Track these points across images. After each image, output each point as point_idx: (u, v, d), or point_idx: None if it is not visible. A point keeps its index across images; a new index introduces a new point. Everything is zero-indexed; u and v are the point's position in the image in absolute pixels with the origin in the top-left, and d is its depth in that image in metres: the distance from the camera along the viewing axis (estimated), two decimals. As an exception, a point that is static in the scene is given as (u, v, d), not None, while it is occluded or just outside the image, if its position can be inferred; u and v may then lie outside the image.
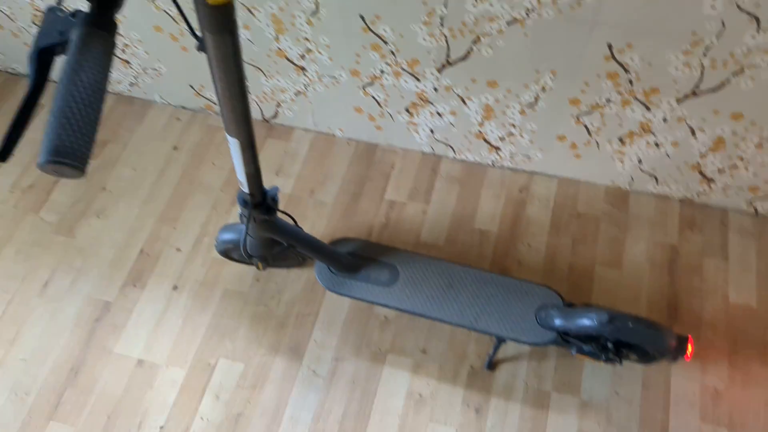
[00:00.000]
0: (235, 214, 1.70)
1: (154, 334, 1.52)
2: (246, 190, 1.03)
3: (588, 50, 1.30)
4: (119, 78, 1.89)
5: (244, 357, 1.49)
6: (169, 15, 1.56)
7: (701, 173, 1.55)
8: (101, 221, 1.69)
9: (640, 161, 1.58)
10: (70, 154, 0.47)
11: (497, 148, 1.69)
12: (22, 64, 1.98)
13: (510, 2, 1.23)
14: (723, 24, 1.15)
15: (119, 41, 1.73)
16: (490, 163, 1.76)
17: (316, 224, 1.67)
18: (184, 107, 1.92)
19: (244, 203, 1.07)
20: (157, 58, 1.75)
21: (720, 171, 1.53)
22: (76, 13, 0.56)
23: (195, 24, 0.70)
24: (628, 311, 1.28)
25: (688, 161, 1.53)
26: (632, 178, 1.65)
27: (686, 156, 1.51)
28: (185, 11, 0.77)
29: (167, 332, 1.52)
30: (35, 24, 1.77)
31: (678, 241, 1.61)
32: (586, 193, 1.70)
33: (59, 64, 0.57)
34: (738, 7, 1.10)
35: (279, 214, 1.16)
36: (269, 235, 1.21)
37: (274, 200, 1.10)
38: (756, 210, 1.63)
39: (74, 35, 0.53)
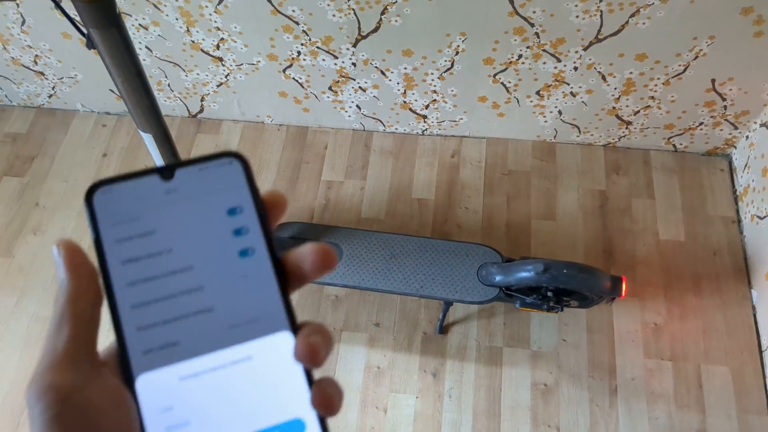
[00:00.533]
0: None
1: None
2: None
3: (492, 8, 1.33)
4: (37, 91, 1.85)
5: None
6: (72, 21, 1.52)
7: (618, 117, 1.62)
8: (38, 238, 1.66)
9: (560, 113, 1.63)
10: None
11: (424, 117, 1.72)
12: None
13: (410, -30, 1.26)
14: (613, -31, 1.19)
15: (30, 54, 1.69)
16: (419, 132, 1.79)
17: (256, 213, 1.67)
18: (108, 113, 1.89)
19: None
20: (71, 65, 1.72)
21: (635, 113, 1.59)
22: None
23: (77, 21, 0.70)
24: (564, 260, 1.34)
25: (604, 107, 1.59)
26: (556, 131, 1.71)
27: (602, 102, 1.57)
28: (66, 9, 0.77)
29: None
30: None
31: (606, 185, 1.68)
32: (514, 150, 1.75)
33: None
34: (623, -49, 1.15)
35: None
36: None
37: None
38: (675, 146, 1.70)
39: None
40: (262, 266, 0.28)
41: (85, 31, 0.71)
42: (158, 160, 0.96)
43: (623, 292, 1.28)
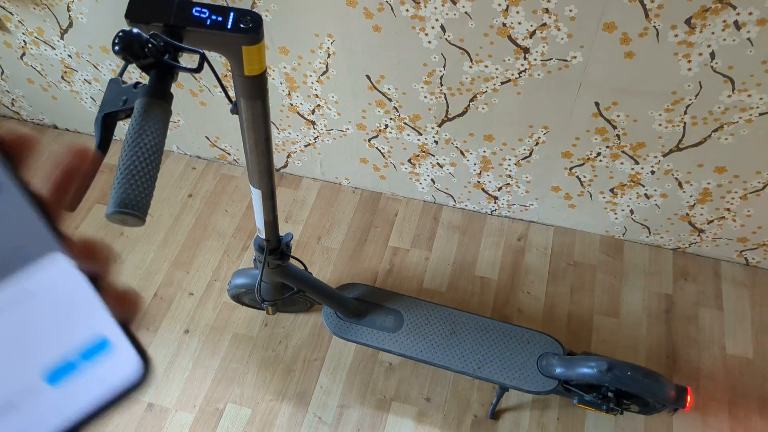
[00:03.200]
0: (245, 259, 1.78)
1: (165, 377, 1.57)
2: (263, 236, 1.11)
3: (577, 107, 1.39)
4: (140, 130, 2.01)
5: (251, 402, 1.53)
6: (192, 75, 1.67)
7: (691, 224, 1.62)
8: (118, 266, 1.77)
9: (632, 212, 1.65)
10: (134, 205, 0.56)
11: (495, 198, 1.77)
12: (48, 115, 2.11)
13: (503, 64, 1.34)
14: (700, 84, 1.24)
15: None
16: (488, 211, 1.84)
17: (323, 269, 1.74)
18: (199, 157, 2.03)
19: (260, 248, 1.15)
20: (177, 111, 1.87)
21: (709, 222, 1.60)
22: (137, 85, 0.65)
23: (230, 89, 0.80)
24: (627, 361, 1.33)
25: (677, 212, 1.60)
26: (625, 228, 1.72)
27: (675, 207, 1.59)
28: (222, 79, 0.87)
29: (177, 376, 1.58)
30: (63, 79, 1.90)
31: (673, 290, 1.67)
32: (581, 242, 1.77)
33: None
34: (713, 69, 1.20)
35: (291, 260, 1.24)
36: (281, 280, 1.29)
37: (288, 246, 1.18)
38: (747, 260, 1.69)
39: (137, 104, 0.62)
40: (13, 199, 0.27)
41: (233, 98, 0.81)
42: (260, 214, 1.04)
43: (688, 404, 1.26)
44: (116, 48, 0.60)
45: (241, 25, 0.67)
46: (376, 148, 1.74)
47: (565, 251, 1.75)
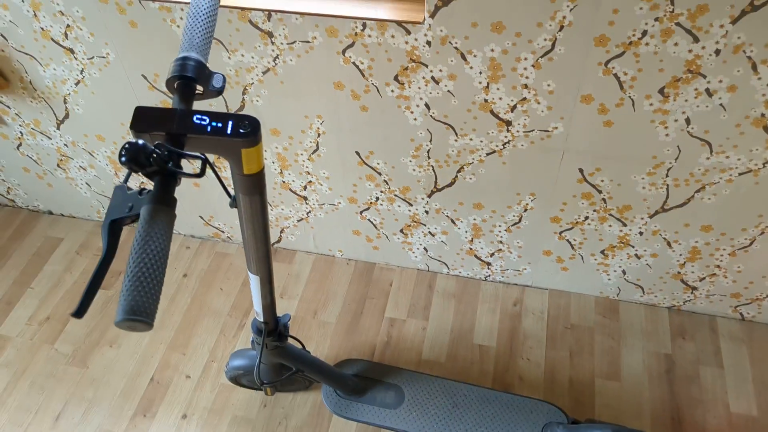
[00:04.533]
0: (242, 338, 1.76)
1: (162, 463, 1.53)
2: (261, 319, 1.11)
3: (562, 174, 1.43)
4: (134, 212, 2.03)
5: (251, 484, 1.49)
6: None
7: (684, 282, 1.64)
8: (114, 350, 1.75)
9: (624, 272, 1.67)
10: (143, 312, 0.57)
11: (488, 264, 1.79)
12: (43, 202, 2.14)
13: (487, 137, 1.39)
14: (679, 149, 1.29)
15: (136, 180, 1.88)
16: (483, 277, 1.85)
17: (320, 344, 1.73)
18: (193, 236, 2.05)
19: (258, 331, 1.15)
20: (171, 193, 1.89)
21: (701, 279, 1.61)
22: (142, 192, 0.67)
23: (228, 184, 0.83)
24: (633, 427, 1.32)
25: (669, 271, 1.62)
26: (619, 289, 1.73)
27: (666, 266, 1.61)
28: (220, 176, 0.90)
29: (175, 461, 1.53)
30: (59, 166, 1.94)
31: (672, 349, 1.66)
32: (577, 304, 1.77)
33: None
34: (689, 134, 1.25)
35: (289, 340, 1.24)
36: (280, 361, 1.28)
37: (286, 327, 1.19)
38: (742, 315, 1.69)
39: (143, 211, 0.64)
40: None
41: (232, 193, 0.83)
42: (258, 299, 1.05)
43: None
44: (123, 159, 0.62)
45: (241, 130, 0.70)
46: (368, 219, 1.76)
47: (562, 314, 1.75)
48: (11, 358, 1.75)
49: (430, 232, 1.73)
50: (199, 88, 0.78)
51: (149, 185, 0.68)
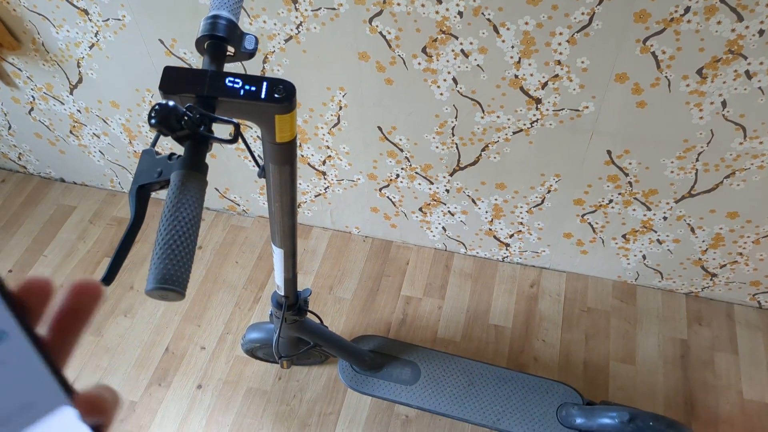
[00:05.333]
0: (257, 312, 1.75)
1: (176, 433, 1.53)
2: (281, 293, 1.10)
3: (589, 155, 1.41)
4: (148, 182, 2.01)
5: (264, 456, 1.49)
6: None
7: (704, 268, 1.62)
8: (128, 320, 1.75)
9: (644, 257, 1.65)
10: (175, 281, 0.55)
11: (507, 245, 1.77)
12: (55, 169, 2.12)
13: (515, 114, 1.36)
14: (712, 132, 1.26)
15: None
16: (500, 258, 1.83)
17: (336, 320, 1.72)
18: (207, 208, 2.03)
19: (278, 305, 1.14)
20: (186, 164, 1.87)
21: (721, 266, 1.60)
22: (171, 156, 0.65)
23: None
24: (646, 410, 1.31)
25: (690, 257, 1.60)
26: (638, 273, 1.72)
27: (688, 252, 1.59)
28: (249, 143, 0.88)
29: None
30: (72, 133, 1.91)
31: (687, 335, 1.66)
32: (594, 287, 1.76)
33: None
34: (724, 117, 1.22)
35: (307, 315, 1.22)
36: (297, 335, 1.27)
37: (306, 302, 1.17)
38: (759, 303, 1.68)
39: (174, 176, 0.62)
40: (19, 347, 0.26)
41: (261, 163, 0.81)
42: (281, 272, 1.03)
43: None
44: (153, 121, 0.60)
45: (275, 95, 0.67)
46: (387, 197, 1.74)
47: (579, 297, 1.74)
48: (25, 324, 1.75)
49: (449, 212, 1.71)
50: (230, 50, 0.76)
51: (178, 150, 0.65)
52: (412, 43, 1.28)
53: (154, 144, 0.70)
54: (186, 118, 0.61)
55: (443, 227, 1.79)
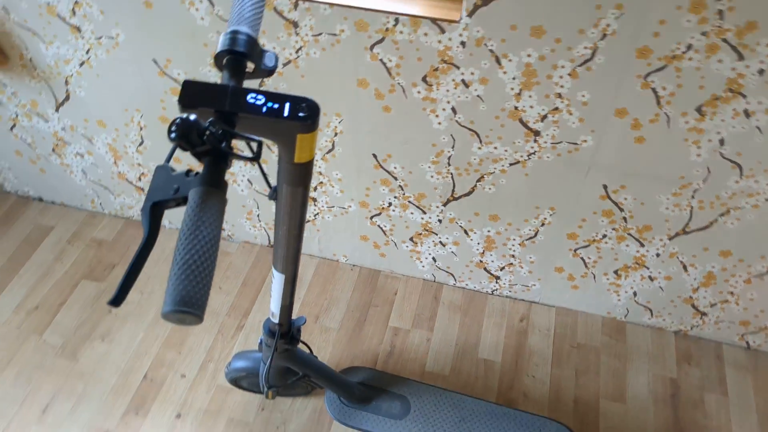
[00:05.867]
0: (240, 339, 1.70)
1: (151, 466, 1.46)
2: (276, 320, 1.06)
3: (585, 189, 1.41)
4: (130, 203, 1.96)
5: (243, 493, 1.42)
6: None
7: (694, 306, 1.62)
8: (106, 345, 1.68)
9: (635, 294, 1.65)
10: (194, 303, 0.51)
11: (497, 278, 1.75)
12: (34, 188, 2.05)
13: (513, 146, 1.36)
14: (708, 170, 1.27)
15: (137, 171, 1.82)
16: (490, 291, 1.81)
17: (322, 350, 1.67)
18: (192, 232, 1.98)
19: (270, 332, 1.10)
20: (173, 186, 1.83)
21: (712, 305, 1.60)
22: (188, 173, 0.62)
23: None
24: None
25: (681, 295, 1.60)
26: (628, 310, 1.71)
27: (679, 290, 1.59)
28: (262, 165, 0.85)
29: (164, 465, 1.46)
30: (54, 152, 1.86)
31: (677, 374, 1.64)
32: (584, 323, 1.74)
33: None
34: (721, 155, 1.23)
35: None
36: (287, 364, 1.22)
37: (299, 330, 1.13)
38: (748, 344, 1.68)
39: (193, 194, 0.59)
40: None
41: (273, 184, 0.78)
42: (278, 299, 1.00)
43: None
44: (173, 135, 0.57)
45: (299, 114, 0.65)
46: (378, 225, 1.72)
47: (568, 333, 1.72)
48: (-5, 347, 1.67)
49: (441, 242, 1.70)
50: (250, 66, 0.74)
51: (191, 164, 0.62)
52: (413, 71, 1.28)
53: (169, 159, 0.67)
54: (208, 133, 0.58)
55: (433, 258, 1.76)
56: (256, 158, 0.62)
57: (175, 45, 1.41)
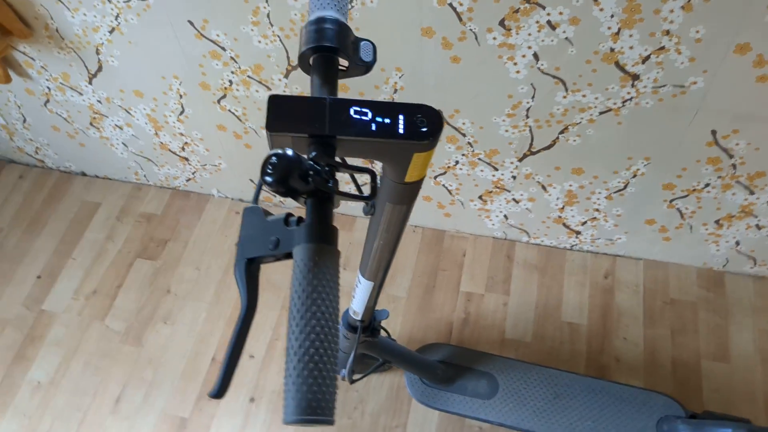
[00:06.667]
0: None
1: (230, 452, 1.42)
2: (358, 318, 0.95)
3: (688, 137, 1.23)
4: (176, 174, 1.86)
5: (326, 475, 1.38)
6: (234, 115, 1.52)
7: (806, 253, 1.45)
8: (169, 327, 1.62)
9: (737, 243, 1.48)
10: (323, 408, 0.39)
11: (577, 233, 1.60)
12: (75, 163, 1.97)
13: (605, 93, 1.18)
14: (843, 108, 1.08)
15: (179, 141, 1.70)
16: (568, 246, 1.67)
17: (392, 321, 1.58)
18: (242, 200, 1.88)
19: (350, 327, 1.00)
20: (218, 155, 1.71)
21: (828, 250, 1.43)
22: (288, 219, 0.49)
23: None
24: (746, 414, 1.17)
25: (792, 242, 1.43)
26: (727, 260, 1.55)
27: (791, 237, 1.42)
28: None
29: (243, 449, 1.42)
30: (92, 125, 1.75)
31: (785, 326, 1.50)
32: (676, 276, 1.59)
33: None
34: None
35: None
36: (366, 352, 1.13)
37: (380, 323, 1.03)
38: None
39: (302, 253, 0.45)
40: None
41: (370, 199, 0.64)
42: (363, 302, 0.89)
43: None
44: (270, 179, 0.44)
45: (421, 128, 0.50)
46: (443, 185, 1.57)
47: (660, 288, 1.58)
48: (60, 336, 1.62)
49: (514, 199, 1.55)
50: (343, 63, 0.58)
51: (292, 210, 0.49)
52: (489, 14, 1.09)
53: (256, 198, 0.54)
54: (312, 172, 0.45)
55: (505, 215, 1.62)
56: (371, 197, 0.49)
57: (212, 3, 1.25)
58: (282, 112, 0.49)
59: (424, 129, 0.49)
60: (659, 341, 1.50)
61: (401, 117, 0.49)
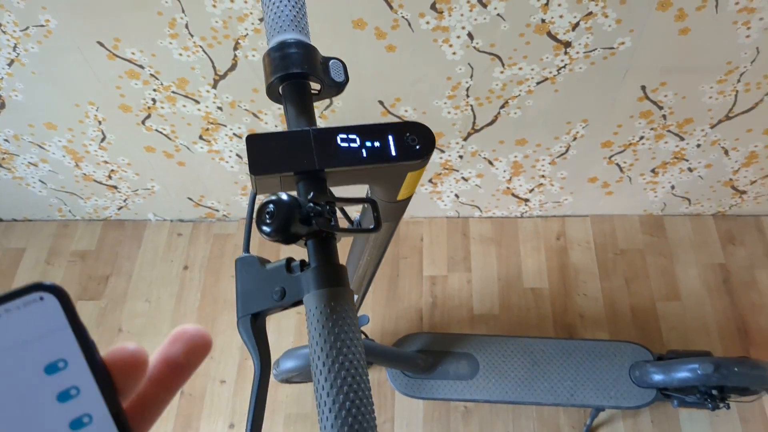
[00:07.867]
0: (272, 329, 1.57)
1: (219, 482, 1.37)
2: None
3: (621, 94, 1.27)
4: (106, 204, 1.75)
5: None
6: (162, 134, 1.45)
7: (734, 188, 1.55)
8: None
9: (672, 187, 1.57)
10: None
11: (526, 200, 1.64)
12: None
13: (540, 63, 1.20)
14: (757, 50, 1.15)
15: (104, 169, 1.59)
16: (518, 215, 1.71)
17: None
18: (182, 220, 1.79)
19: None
20: (150, 177, 1.62)
21: (752, 182, 1.53)
22: (290, 264, 0.44)
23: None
24: (702, 346, 1.25)
25: (720, 179, 1.53)
26: (665, 204, 1.64)
27: (719, 175, 1.51)
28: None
29: (232, 477, 1.37)
30: (2, 166, 1.61)
31: (724, 258, 1.60)
32: (621, 226, 1.67)
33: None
34: (772, 32, 1.10)
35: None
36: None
37: (360, 329, 1.01)
38: (787, 210, 1.64)
39: (313, 300, 0.42)
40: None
41: (375, 231, 0.62)
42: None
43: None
44: (268, 229, 0.40)
45: (416, 147, 0.47)
46: (390, 174, 1.56)
47: (608, 240, 1.65)
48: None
49: (463, 178, 1.56)
50: (314, 86, 0.55)
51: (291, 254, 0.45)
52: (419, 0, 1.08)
53: (247, 246, 0.50)
54: (312, 214, 0.42)
55: (456, 194, 1.63)
56: (376, 229, 0.46)
57: (122, 20, 1.17)
58: (263, 152, 0.45)
59: (418, 147, 0.47)
60: (616, 292, 1.56)
61: (391, 138, 0.47)
